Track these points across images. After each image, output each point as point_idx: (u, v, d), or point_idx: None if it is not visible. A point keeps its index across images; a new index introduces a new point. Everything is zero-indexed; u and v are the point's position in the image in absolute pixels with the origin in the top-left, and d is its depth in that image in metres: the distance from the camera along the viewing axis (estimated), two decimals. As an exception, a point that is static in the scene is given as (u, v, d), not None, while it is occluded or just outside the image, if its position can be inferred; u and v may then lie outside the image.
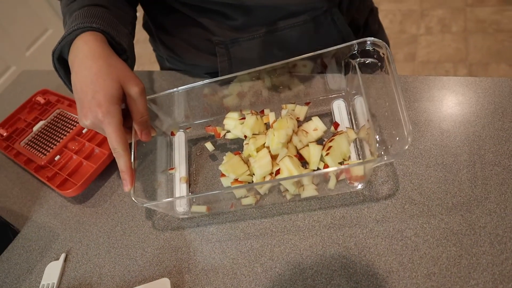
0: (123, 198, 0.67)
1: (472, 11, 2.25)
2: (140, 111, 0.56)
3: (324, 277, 0.50)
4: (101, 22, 0.58)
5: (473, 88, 0.62)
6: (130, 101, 0.56)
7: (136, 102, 0.55)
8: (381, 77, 0.55)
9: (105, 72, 0.54)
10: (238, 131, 0.62)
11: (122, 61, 0.57)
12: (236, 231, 0.57)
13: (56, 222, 0.67)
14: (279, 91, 0.67)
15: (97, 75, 0.53)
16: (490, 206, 0.50)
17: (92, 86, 0.53)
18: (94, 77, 0.53)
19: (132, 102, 0.56)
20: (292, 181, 0.54)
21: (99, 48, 0.56)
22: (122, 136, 0.53)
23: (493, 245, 0.47)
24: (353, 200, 0.55)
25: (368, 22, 0.85)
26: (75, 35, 0.57)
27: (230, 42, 0.72)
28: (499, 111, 0.58)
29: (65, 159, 0.73)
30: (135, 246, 0.60)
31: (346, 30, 0.73)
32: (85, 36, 0.56)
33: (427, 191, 0.53)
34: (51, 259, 0.63)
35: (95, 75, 0.53)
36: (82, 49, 0.55)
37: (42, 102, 0.87)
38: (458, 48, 2.07)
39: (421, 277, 0.46)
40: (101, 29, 0.57)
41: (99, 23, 0.57)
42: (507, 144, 0.54)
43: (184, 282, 0.54)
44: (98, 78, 0.53)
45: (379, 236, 0.51)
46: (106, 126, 0.52)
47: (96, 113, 0.52)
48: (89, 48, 0.55)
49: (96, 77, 0.53)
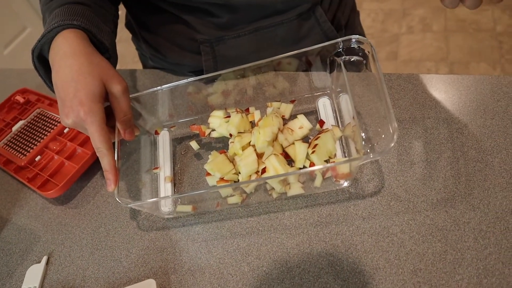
0: (106, 199, 0.65)
1: (452, 11, 2.28)
2: (123, 109, 0.55)
3: (311, 275, 0.49)
4: (82, 20, 0.56)
5: (455, 86, 0.63)
6: (113, 99, 0.55)
7: (119, 100, 0.54)
8: (366, 75, 0.55)
9: (87, 70, 0.52)
10: (223, 130, 0.62)
11: (104, 59, 0.56)
12: (222, 231, 0.56)
13: (37, 224, 0.66)
14: (264, 89, 0.66)
15: (78, 72, 0.52)
16: (474, 202, 0.50)
17: (74, 84, 0.52)
18: (75, 74, 0.52)
19: (115, 100, 0.54)
20: (278, 179, 0.54)
21: (80, 45, 0.54)
22: (105, 135, 0.52)
23: (477, 240, 0.47)
24: (339, 198, 0.55)
25: (350, 23, 0.86)
26: (55, 32, 0.55)
27: (215, 41, 0.72)
28: (481, 108, 0.59)
29: (46, 160, 0.71)
30: (119, 247, 0.59)
31: (330, 29, 0.74)
32: (66, 33, 0.55)
33: (412, 188, 0.54)
34: (33, 262, 0.61)
35: (76, 73, 0.52)
36: (63, 46, 0.54)
37: (22, 101, 0.85)
38: (439, 47, 2.10)
39: (408, 273, 0.47)
40: (82, 26, 0.56)
41: (80, 21, 0.56)
42: (489, 141, 0.55)
43: (170, 283, 0.53)
44: (80, 76, 0.52)
45: (366, 233, 0.51)
46: (89, 125, 0.51)
47: (78, 111, 0.51)
48: (69, 46, 0.54)
49: (77, 74, 0.52)
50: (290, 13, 0.69)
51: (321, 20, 0.73)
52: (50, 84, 0.59)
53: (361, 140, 0.55)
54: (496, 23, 2.14)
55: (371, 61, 0.53)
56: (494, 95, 0.60)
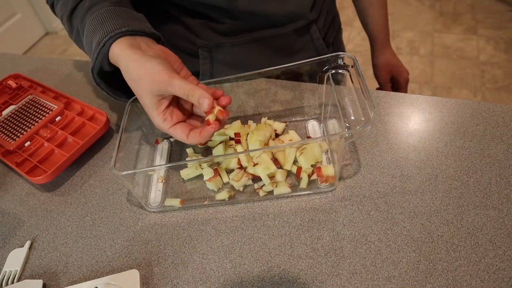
0: (94, 189, 0.66)
1: (440, 37, 2.37)
2: (183, 91, 0.51)
3: (290, 276, 0.52)
4: (128, 22, 0.55)
5: (439, 107, 0.66)
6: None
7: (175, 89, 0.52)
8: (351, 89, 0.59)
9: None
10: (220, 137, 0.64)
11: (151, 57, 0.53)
12: (208, 228, 0.58)
13: (22, 209, 0.66)
14: (260, 110, 0.71)
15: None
16: (448, 217, 0.54)
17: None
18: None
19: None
20: (267, 172, 0.58)
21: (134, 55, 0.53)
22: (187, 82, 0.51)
23: (448, 253, 0.50)
24: (322, 204, 0.58)
25: (335, 40, 0.91)
26: (109, 45, 0.54)
27: (214, 46, 0.74)
28: (461, 130, 0.63)
29: (35, 146, 0.72)
30: (104, 237, 0.60)
31: (322, 46, 0.78)
32: (120, 43, 0.54)
33: (391, 199, 0.56)
34: (15, 246, 0.61)
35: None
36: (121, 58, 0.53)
37: (14, 86, 0.85)
38: (424, 70, 2.17)
39: (382, 279, 0.49)
40: (132, 29, 0.54)
41: (127, 25, 0.54)
42: (466, 162, 0.59)
43: (153, 275, 0.54)
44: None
45: (345, 239, 0.54)
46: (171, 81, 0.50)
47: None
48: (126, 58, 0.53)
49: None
50: (287, 27, 0.73)
51: (314, 37, 0.77)
52: (114, 95, 0.61)
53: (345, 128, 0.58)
54: (480, 52, 2.23)
55: (355, 75, 0.57)
56: (473, 119, 0.64)
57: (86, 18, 0.57)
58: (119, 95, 0.62)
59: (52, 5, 0.68)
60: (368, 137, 0.64)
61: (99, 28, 0.54)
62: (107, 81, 0.60)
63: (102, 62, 0.56)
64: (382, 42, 0.98)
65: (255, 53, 0.76)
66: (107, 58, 0.55)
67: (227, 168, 0.62)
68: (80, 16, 0.59)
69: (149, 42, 0.56)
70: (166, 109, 0.54)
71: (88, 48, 0.58)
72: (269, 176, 0.59)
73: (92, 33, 0.56)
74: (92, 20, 0.56)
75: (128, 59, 0.52)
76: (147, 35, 0.57)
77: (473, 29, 2.38)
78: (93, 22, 0.56)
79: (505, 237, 0.51)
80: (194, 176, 0.64)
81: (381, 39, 0.97)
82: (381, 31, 0.97)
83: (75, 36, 0.63)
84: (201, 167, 0.63)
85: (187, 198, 0.62)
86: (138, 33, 0.55)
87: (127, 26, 0.54)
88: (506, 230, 0.51)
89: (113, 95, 0.61)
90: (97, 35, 0.54)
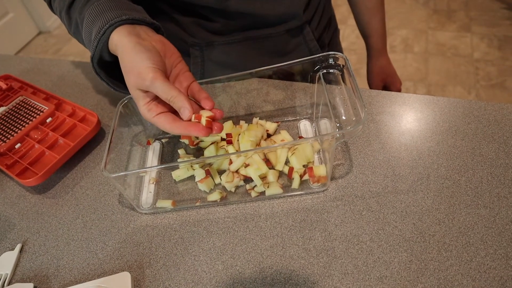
0: (85, 191, 0.66)
1: (434, 34, 2.37)
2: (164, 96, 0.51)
3: (282, 276, 0.51)
4: (127, 12, 0.55)
5: (431, 106, 0.66)
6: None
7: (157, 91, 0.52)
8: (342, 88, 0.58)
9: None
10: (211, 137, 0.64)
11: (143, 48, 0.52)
12: (199, 229, 0.58)
13: (12, 211, 0.66)
14: (252, 110, 0.70)
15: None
16: (440, 216, 0.54)
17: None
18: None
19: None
20: (259, 173, 0.57)
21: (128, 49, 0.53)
22: (170, 84, 0.50)
23: (440, 252, 0.50)
24: (314, 205, 0.58)
25: (332, 41, 0.90)
26: (108, 33, 0.53)
27: (205, 45, 0.73)
28: (453, 129, 0.63)
29: (26, 148, 0.71)
30: (95, 240, 0.59)
31: (315, 47, 0.78)
32: (119, 32, 0.53)
33: (383, 199, 0.56)
34: (6, 249, 0.61)
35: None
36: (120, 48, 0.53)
37: (4, 87, 0.84)
38: (418, 68, 2.18)
39: (374, 279, 0.49)
40: (131, 18, 0.54)
41: (127, 14, 0.54)
42: (458, 160, 0.59)
43: (145, 277, 0.54)
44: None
45: (337, 240, 0.54)
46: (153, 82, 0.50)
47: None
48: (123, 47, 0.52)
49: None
50: (280, 27, 0.72)
51: (307, 38, 0.77)
52: (113, 86, 0.60)
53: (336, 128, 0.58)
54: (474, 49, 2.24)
55: (346, 75, 0.57)
56: (465, 118, 0.64)
57: (85, 10, 0.57)
58: (119, 86, 0.62)
59: (49, 2, 0.67)
60: (360, 137, 0.64)
61: (99, 18, 0.54)
62: (108, 72, 0.60)
63: (102, 51, 0.56)
64: (378, 49, 0.97)
65: (247, 52, 0.76)
66: (107, 46, 0.55)
67: (218, 169, 0.62)
68: (79, 8, 0.59)
69: (149, 31, 0.56)
70: (152, 101, 0.53)
71: (87, 38, 0.58)
72: (260, 177, 0.58)
73: (92, 23, 0.56)
74: (92, 11, 0.56)
75: (123, 48, 0.52)
76: (147, 25, 0.56)
77: (467, 27, 2.39)
78: (92, 13, 0.56)
79: (496, 236, 0.51)
80: (186, 177, 0.63)
81: (378, 46, 0.97)
82: (378, 38, 0.96)
83: (74, 29, 0.62)
84: (192, 168, 0.62)
85: (179, 199, 0.61)
86: (138, 22, 0.55)
87: (128, 15, 0.54)
88: (497, 229, 0.51)
89: (112, 85, 0.61)
90: (97, 24, 0.54)
